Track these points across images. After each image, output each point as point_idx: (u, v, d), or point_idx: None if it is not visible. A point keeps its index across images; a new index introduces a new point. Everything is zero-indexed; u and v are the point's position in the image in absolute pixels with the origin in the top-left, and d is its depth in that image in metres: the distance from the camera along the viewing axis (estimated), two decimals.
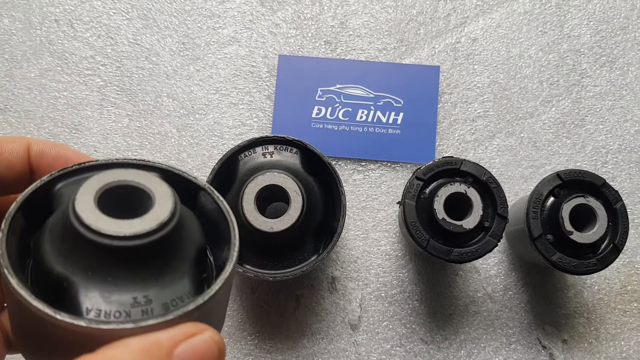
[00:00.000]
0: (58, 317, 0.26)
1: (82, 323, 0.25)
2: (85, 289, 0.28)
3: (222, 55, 0.69)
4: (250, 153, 0.61)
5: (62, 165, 0.33)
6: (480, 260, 0.63)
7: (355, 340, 0.63)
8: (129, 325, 0.26)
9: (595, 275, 0.64)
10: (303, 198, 0.57)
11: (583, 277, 0.64)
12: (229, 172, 0.58)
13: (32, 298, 0.26)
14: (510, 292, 0.64)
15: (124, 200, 0.30)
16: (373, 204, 0.66)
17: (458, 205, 0.57)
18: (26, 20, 0.68)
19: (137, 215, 0.28)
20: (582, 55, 0.70)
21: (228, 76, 0.68)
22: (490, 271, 0.64)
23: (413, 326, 0.63)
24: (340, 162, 0.66)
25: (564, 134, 0.68)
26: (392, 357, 0.62)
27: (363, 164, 0.66)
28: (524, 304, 0.64)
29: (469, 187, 0.57)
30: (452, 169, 0.58)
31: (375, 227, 0.65)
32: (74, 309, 0.27)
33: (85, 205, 0.28)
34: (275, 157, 0.61)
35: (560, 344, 0.63)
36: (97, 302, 0.27)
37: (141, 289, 0.28)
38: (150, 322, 0.26)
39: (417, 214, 0.58)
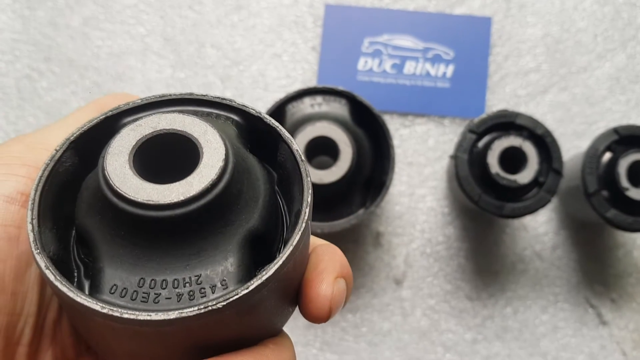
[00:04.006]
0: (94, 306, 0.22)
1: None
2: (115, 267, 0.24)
3: (267, 4, 0.67)
4: (298, 104, 0.59)
5: None
6: (528, 217, 0.62)
7: (399, 295, 0.62)
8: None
9: None
10: (353, 150, 0.56)
11: (633, 236, 0.63)
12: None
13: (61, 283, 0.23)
14: (559, 251, 0.63)
15: (168, 153, 0.26)
16: (420, 159, 0.64)
17: (512, 160, 0.56)
18: None
19: (180, 173, 0.24)
20: (639, 9, 0.67)
21: (272, 26, 0.67)
22: (539, 229, 0.63)
23: (458, 282, 0.62)
24: (386, 116, 0.65)
25: (618, 90, 0.65)
26: (436, 313, 0.62)
27: (410, 118, 0.65)
28: (573, 262, 0.63)
29: (524, 141, 0.56)
30: (506, 123, 0.56)
31: (421, 183, 0.64)
32: (97, 288, 0.24)
33: (117, 163, 0.24)
34: (324, 108, 0.59)
35: (609, 303, 0.62)
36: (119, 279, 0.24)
37: (184, 269, 0.24)
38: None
39: (469, 168, 0.57)
